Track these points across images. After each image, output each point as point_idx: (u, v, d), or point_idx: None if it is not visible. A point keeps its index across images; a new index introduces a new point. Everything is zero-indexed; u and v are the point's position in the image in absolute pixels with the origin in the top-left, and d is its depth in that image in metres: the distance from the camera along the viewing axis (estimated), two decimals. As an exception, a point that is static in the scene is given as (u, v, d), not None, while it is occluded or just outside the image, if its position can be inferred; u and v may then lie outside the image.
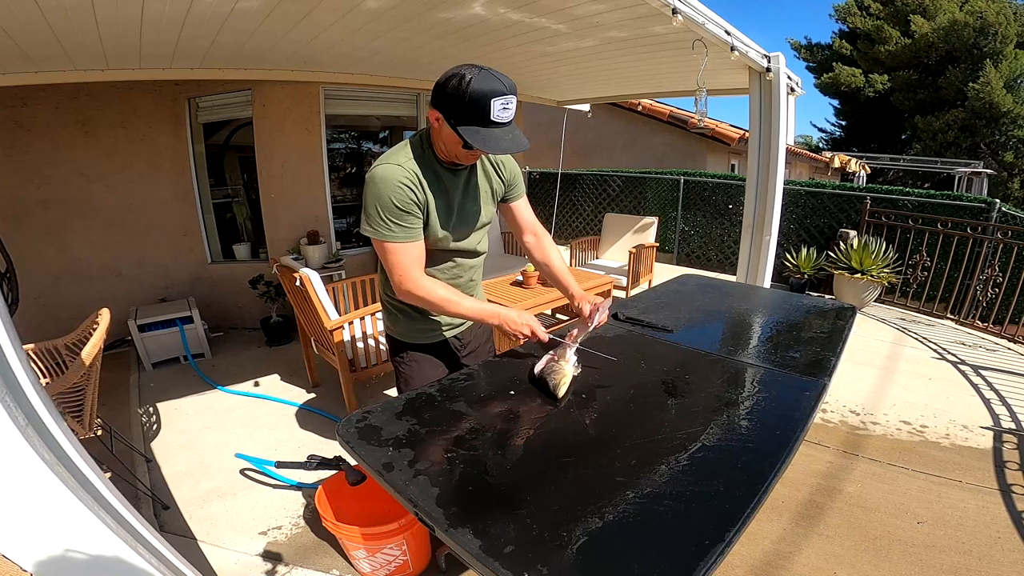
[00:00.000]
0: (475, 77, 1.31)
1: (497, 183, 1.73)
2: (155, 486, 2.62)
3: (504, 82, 1.34)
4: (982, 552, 2.12)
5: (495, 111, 1.33)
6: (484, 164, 1.68)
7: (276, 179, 4.73)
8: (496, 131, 1.37)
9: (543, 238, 1.87)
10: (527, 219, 1.85)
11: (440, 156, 1.53)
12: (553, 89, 5.69)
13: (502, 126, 1.37)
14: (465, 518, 0.97)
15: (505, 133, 1.38)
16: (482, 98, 1.32)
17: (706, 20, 2.71)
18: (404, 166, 1.47)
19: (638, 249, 5.09)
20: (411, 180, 1.46)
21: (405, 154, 1.50)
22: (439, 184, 1.55)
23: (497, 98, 1.33)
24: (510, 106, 1.36)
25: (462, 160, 1.52)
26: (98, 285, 4.31)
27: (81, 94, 3.89)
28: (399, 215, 1.46)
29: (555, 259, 1.86)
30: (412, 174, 1.47)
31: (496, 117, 1.34)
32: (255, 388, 3.75)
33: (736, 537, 0.91)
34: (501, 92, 1.33)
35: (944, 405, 3.40)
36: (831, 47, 18.54)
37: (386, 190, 1.44)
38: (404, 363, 1.82)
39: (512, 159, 1.77)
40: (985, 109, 14.17)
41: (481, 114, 1.34)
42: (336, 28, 3.01)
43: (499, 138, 1.37)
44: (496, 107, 1.33)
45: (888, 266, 5.59)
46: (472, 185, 1.65)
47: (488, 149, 1.37)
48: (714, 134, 9.65)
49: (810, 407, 1.38)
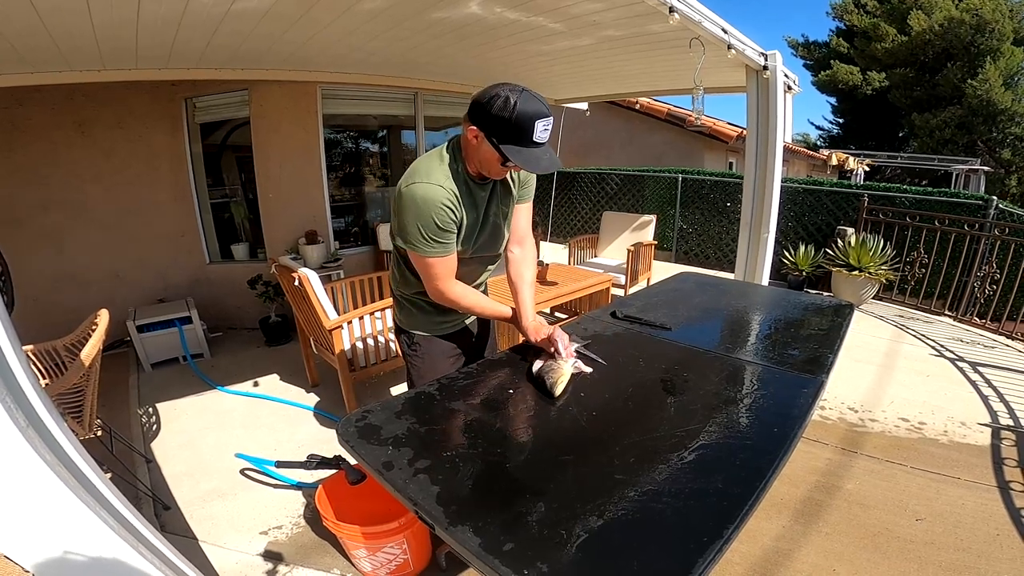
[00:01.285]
0: (520, 99, 1.37)
1: (514, 188, 1.78)
2: (155, 486, 2.62)
3: (545, 105, 1.41)
4: (980, 549, 2.13)
5: (537, 132, 1.40)
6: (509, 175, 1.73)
7: (274, 179, 4.73)
8: (536, 151, 1.44)
9: (527, 255, 1.86)
10: (520, 228, 1.85)
11: (471, 169, 1.58)
12: (550, 88, 5.69)
13: (541, 146, 1.44)
14: (465, 516, 0.97)
15: (543, 152, 1.45)
16: (527, 120, 1.38)
17: (703, 18, 2.71)
18: (445, 187, 1.52)
19: (636, 247, 5.09)
20: (452, 201, 1.52)
21: (443, 172, 1.54)
22: (471, 199, 1.60)
23: (541, 120, 1.39)
24: (549, 127, 1.43)
25: (493, 175, 1.58)
26: (96, 286, 4.30)
27: (77, 95, 3.88)
28: (440, 234, 1.53)
29: (526, 280, 1.83)
30: (452, 194, 1.52)
31: (537, 138, 1.41)
32: (254, 388, 3.75)
33: (735, 534, 0.91)
34: (544, 115, 1.40)
35: (942, 402, 3.40)
36: (828, 45, 18.53)
37: (429, 211, 1.49)
38: (417, 356, 1.86)
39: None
40: (982, 106, 14.17)
41: (524, 135, 1.40)
42: (333, 28, 3.01)
43: (539, 158, 1.44)
44: (539, 128, 1.39)
45: (886, 263, 5.60)
46: (498, 197, 1.70)
47: (529, 168, 1.44)
48: (712, 132, 9.65)
49: (808, 404, 1.39)
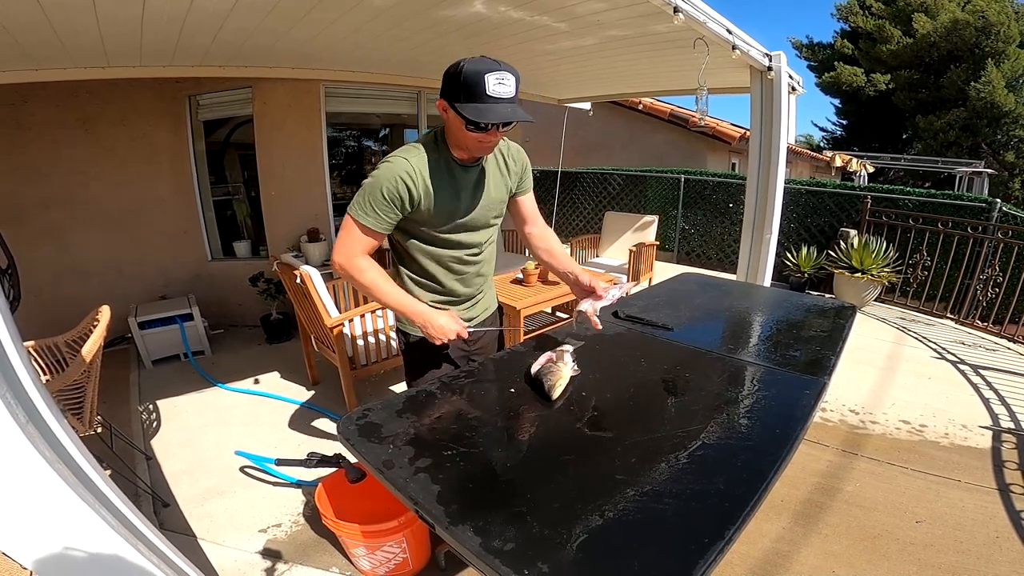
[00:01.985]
0: (471, 59, 1.37)
1: (510, 179, 1.75)
2: (155, 484, 2.62)
3: (500, 63, 1.37)
4: (980, 551, 2.12)
5: (490, 86, 1.35)
6: (498, 160, 1.70)
7: (276, 177, 4.73)
8: (494, 106, 1.38)
9: (545, 230, 1.89)
10: (531, 211, 1.87)
11: (455, 153, 1.56)
12: (554, 87, 5.69)
13: (501, 101, 1.38)
14: (465, 516, 0.97)
15: (502, 107, 1.39)
16: (475, 74, 1.34)
17: (707, 19, 2.70)
18: (411, 161, 1.50)
19: (638, 247, 5.08)
20: (411, 177, 1.49)
21: (417, 150, 1.54)
22: (450, 180, 1.57)
23: (491, 72, 1.34)
24: (507, 81, 1.37)
25: (473, 150, 1.53)
26: (98, 283, 4.31)
27: (81, 92, 3.89)
28: (381, 204, 1.49)
29: (557, 245, 1.87)
30: (415, 170, 1.50)
31: (493, 92, 1.35)
32: (255, 386, 3.75)
33: (736, 535, 0.91)
34: (495, 69, 1.35)
35: (943, 404, 3.40)
36: (832, 46, 18.51)
37: (383, 179, 1.48)
38: (413, 356, 1.84)
39: (524, 154, 1.79)
40: (987, 109, 14.15)
41: (477, 90, 1.35)
42: (337, 26, 3.01)
43: (496, 110, 1.38)
44: (491, 81, 1.34)
45: (888, 265, 5.58)
46: (486, 182, 1.67)
47: (484, 119, 1.37)
48: (715, 133, 9.64)
49: (810, 406, 1.38)
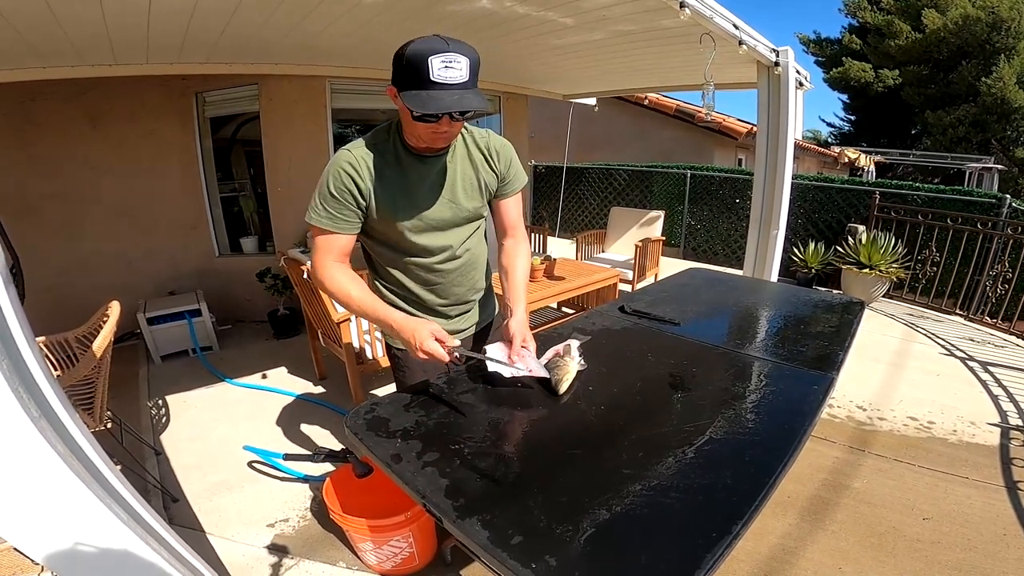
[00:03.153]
0: (418, 39, 1.22)
1: (488, 175, 1.57)
2: (164, 479, 2.64)
3: (449, 43, 1.21)
4: (987, 549, 2.11)
5: (435, 70, 1.19)
6: (471, 153, 1.54)
7: (283, 173, 4.74)
8: (439, 93, 1.22)
9: (519, 244, 1.69)
10: (511, 219, 1.67)
11: (411, 142, 1.43)
12: (560, 83, 5.67)
13: (448, 87, 1.22)
14: (473, 509, 0.97)
15: (449, 95, 1.23)
16: (419, 56, 1.20)
17: (714, 14, 2.69)
18: (353, 152, 1.41)
19: (644, 243, 5.07)
20: (354, 167, 1.40)
21: (365, 140, 1.44)
22: (398, 172, 1.44)
23: (436, 55, 1.19)
24: (455, 65, 1.21)
25: (428, 141, 1.39)
26: (107, 278, 4.33)
27: (90, 89, 3.90)
28: (331, 202, 1.41)
29: (518, 269, 1.65)
30: (359, 160, 1.40)
31: (437, 76, 1.20)
32: (263, 381, 3.77)
33: (743, 531, 0.91)
34: (441, 50, 1.20)
35: (952, 401, 3.38)
36: (840, 42, 18.36)
37: (327, 176, 1.41)
38: (398, 369, 1.75)
39: (511, 151, 1.61)
40: (997, 105, 14.01)
41: (420, 75, 1.20)
42: (345, 20, 3.01)
43: (439, 99, 1.22)
44: (435, 65, 1.19)
45: (897, 261, 5.55)
46: (448, 176, 1.51)
47: (425, 108, 1.23)
48: (721, 128, 9.59)
49: (818, 402, 1.38)
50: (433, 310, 1.67)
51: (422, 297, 1.64)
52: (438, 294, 1.64)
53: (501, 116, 6.22)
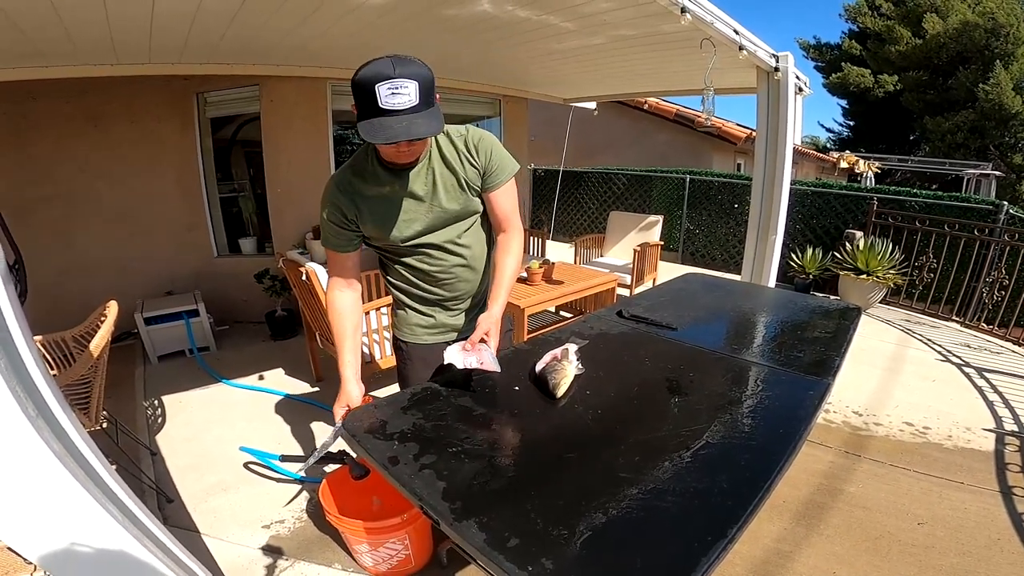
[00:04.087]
0: (368, 64, 1.21)
1: (469, 171, 1.54)
2: (159, 479, 2.63)
3: (396, 67, 1.19)
4: (981, 554, 2.12)
5: (382, 97, 1.19)
6: (445, 155, 1.52)
7: (283, 174, 4.75)
8: (388, 120, 1.22)
9: (511, 239, 1.64)
10: (502, 211, 1.63)
11: (384, 159, 1.45)
12: (560, 87, 5.69)
13: (396, 114, 1.22)
14: (470, 512, 0.98)
15: (397, 121, 1.22)
16: (366, 84, 1.20)
17: (715, 19, 2.70)
18: (337, 181, 1.51)
19: (643, 247, 5.08)
20: (340, 195, 1.49)
21: (350, 164, 1.53)
22: (379, 189, 1.48)
23: (382, 83, 1.18)
24: (402, 91, 1.20)
25: (392, 158, 1.42)
26: (105, 278, 4.33)
27: (90, 89, 3.91)
28: (329, 227, 1.54)
29: (504, 268, 1.61)
30: (344, 187, 1.49)
31: (385, 104, 1.20)
32: (260, 382, 3.77)
33: (738, 534, 0.91)
34: (387, 76, 1.18)
35: (947, 407, 3.39)
36: (840, 47, 18.45)
37: (322, 207, 1.53)
38: (400, 360, 1.82)
39: (491, 142, 1.57)
40: (995, 111, 14.08)
41: (369, 102, 1.21)
42: (345, 23, 3.02)
43: (387, 127, 1.22)
44: (382, 92, 1.19)
45: (894, 267, 5.56)
46: (426, 182, 1.51)
47: (372, 138, 1.23)
48: (720, 133, 9.61)
49: (814, 407, 1.39)
50: (439, 304, 1.70)
51: (426, 293, 1.68)
52: (442, 289, 1.67)
53: (501, 119, 6.24)
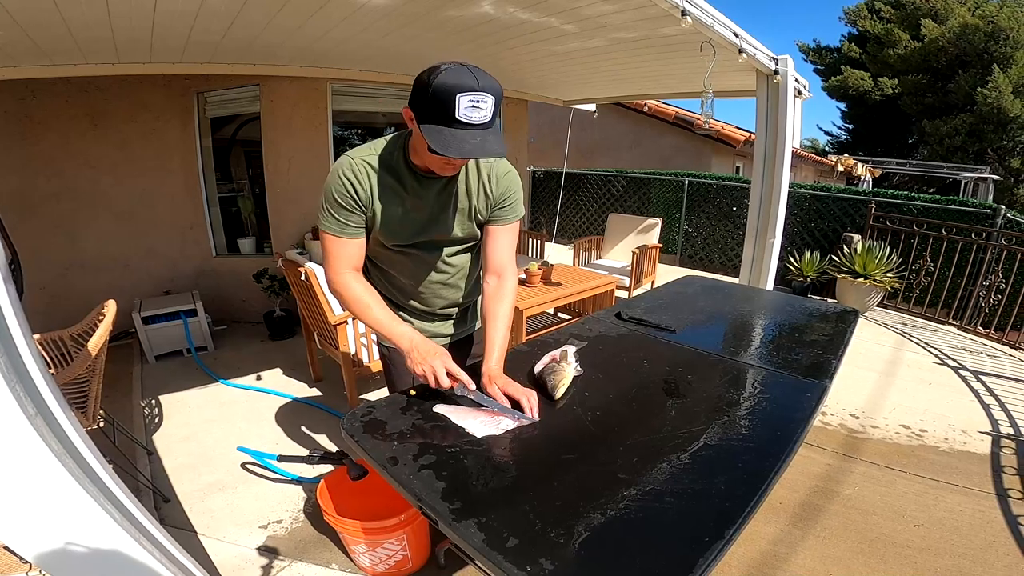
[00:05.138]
0: (447, 70, 1.16)
1: (481, 200, 1.51)
2: (156, 478, 2.63)
3: (479, 79, 1.16)
4: (976, 556, 2.13)
5: (461, 108, 1.16)
6: (469, 178, 1.48)
7: (282, 174, 4.75)
8: (461, 133, 1.18)
9: (504, 288, 1.56)
10: (499, 254, 1.56)
11: (415, 161, 1.40)
12: (560, 89, 5.69)
13: (471, 128, 1.19)
14: (468, 513, 0.98)
15: (471, 136, 1.19)
16: (446, 92, 1.15)
17: (715, 22, 2.71)
18: (355, 159, 1.39)
19: (641, 250, 5.09)
20: (357, 174, 1.38)
21: (369, 148, 1.42)
22: (400, 188, 1.42)
23: (464, 93, 1.15)
24: (482, 105, 1.17)
25: (436, 169, 1.37)
26: (104, 276, 4.33)
27: (91, 88, 3.91)
28: (337, 208, 1.40)
29: (498, 316, 1.53)
30: (362, 168, 1.39)
31: (462, 116, 1.16)
32: (257, 382, 3.76)
33: (736, 535, 0.92)
34: (470, 88, 1.15)
35: (943, 410, 3.40)
36: (839, 50, 18.50)
37: (332, 180, 1.40)
38: (386, 367, 1.76)
39: (514, 179, 1.54)
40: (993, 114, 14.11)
41: (444, 111, 1.16)
42: (346, 24, 3.02)
43: (462, 140, 1.18)
44: (462, 103, 1.15)
45: (891, 271, 5.58)
46: (446, 199, 1.47)
47: (445, 151, 1.17)
48: (719, 136, 9.63)
49: (811, 409, 1.39)
50: (414, 311, 1.68)
51: (399, 302, 1.65)
52: (418, 301, 1.65)
53: (501, 121, 6.23)
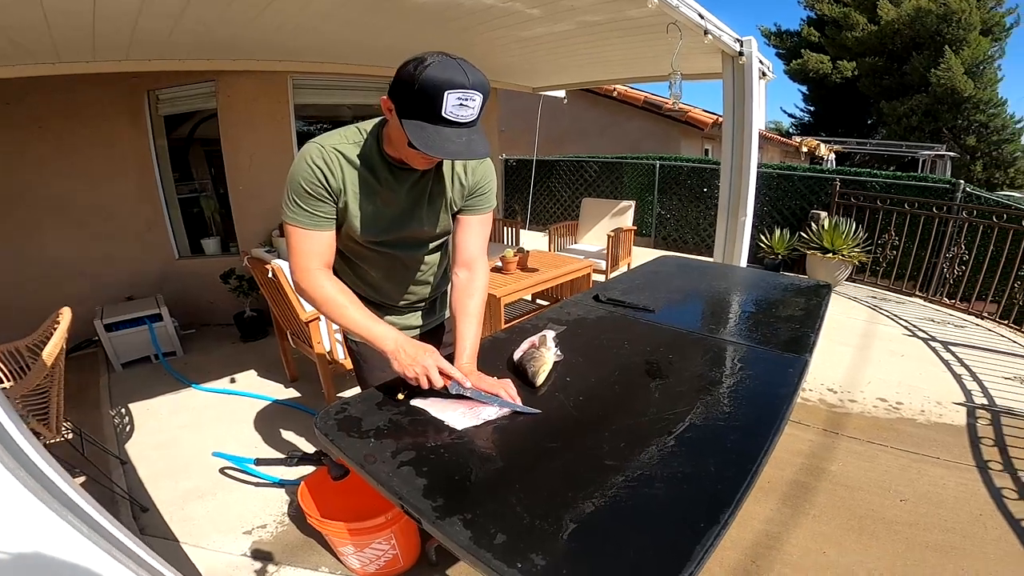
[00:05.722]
0: (435, 63, 1.10)
1: (456, 191, 1.47)
2: (132, 488, 2.53)
3: (469, 75, 1.11)
4: (965, 530, 2.15)
5: (448, 106, 1.10)
6: (440, 171, 1.43)
7: (244, 171, 4.61)
8: (447, 131, 1.14)
9: (475, 281, 1.51)
10: (470, 246, 1.51)
11: (389, 152, 1.33)
12: (529, 75, 5.63)
13: (457, 126, 1.14)
14: (453, 509, 0.94)
15: (457, 135, 1.14)
16: (434, 87, 1.09)
17: (680, 3, 2.69)
18: (325, 145, 1.30)
19: (616, 233, 5.09)
20: (327, 161, 1.29)
21: (339, 136, 1.33)
22: (373, 180, 1.35)
23: (453, 90, 1.09)
24: (470, 104, 1.13)
25: (412, 163, 1.31)
26: (61, 285, 4.14)
27: (33, 89, 3.70)
28: (305, 197, 1.30)
29: (469, 312, 1.47)
30: (333, 156, 1.30)
31: (449, 113, 1.11)
32: (231, 385, 3.66)
33: (731, 519, 0.90)
34: (460, 85, 1.10)
35: (917, 382, 3.47)
36: (800, 34, 18.85)
37: (298, 168, 1.30)
38: (355, 364, 1.67)
39: (488, 169, 1.50)
40: (947, 95, 14.54)
41: (430, 107, 1.11)
42: (305, 14, 2.92)
43: (447, 139, 1.13)
44: (450, 101, 1.10)
45: (858, 246, 5.70)
46: (420, 192, 1.41)
47: (430, 151, 1.12)
48: (688, 119, 9.71)
49: (794, 384, 1.39)
50: (382, 304, 1.62)
51: (373, 290, 1.59)
52: (388, 293, 1.60)
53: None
